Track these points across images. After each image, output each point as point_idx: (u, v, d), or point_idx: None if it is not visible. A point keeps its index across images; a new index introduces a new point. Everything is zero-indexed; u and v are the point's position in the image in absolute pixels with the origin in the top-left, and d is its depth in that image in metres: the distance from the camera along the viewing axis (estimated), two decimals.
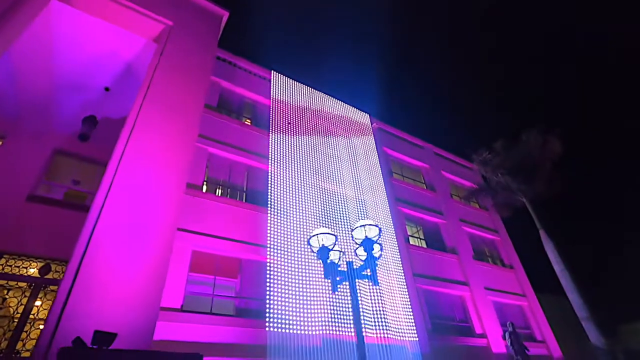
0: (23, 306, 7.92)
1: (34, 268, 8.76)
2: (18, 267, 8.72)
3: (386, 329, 10.52)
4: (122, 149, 5.55)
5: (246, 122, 13.31)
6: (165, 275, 4.64)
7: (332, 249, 4.49)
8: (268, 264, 9.61)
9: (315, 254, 4.36)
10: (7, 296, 8.13)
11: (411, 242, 14.43)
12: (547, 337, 15.13)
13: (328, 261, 4.52)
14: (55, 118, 10.74)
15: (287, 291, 9.47)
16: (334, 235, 4.47)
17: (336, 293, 10.42)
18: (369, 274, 4.75)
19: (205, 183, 10.68)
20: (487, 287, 14.87)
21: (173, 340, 7.60)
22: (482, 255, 16.86)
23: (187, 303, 8.50)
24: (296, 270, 9.98)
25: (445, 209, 16.89)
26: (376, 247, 4.84)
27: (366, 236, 4.48)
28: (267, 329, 8.58)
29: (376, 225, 4.60)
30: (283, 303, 9.21)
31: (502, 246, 18.04)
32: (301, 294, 9.64)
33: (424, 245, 15.04)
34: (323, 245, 4.36)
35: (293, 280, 9.75)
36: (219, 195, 10.83)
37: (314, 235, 4.37)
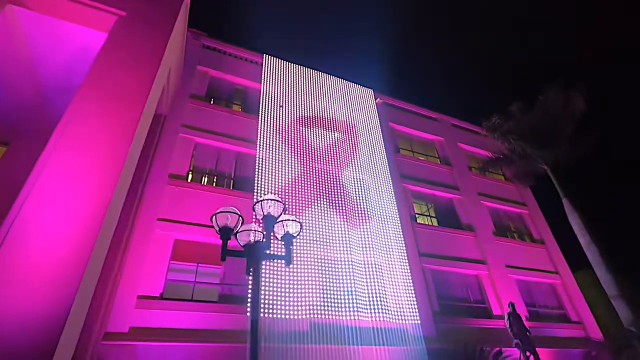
0: None
1: None
2: None
3: (383, 312, 10.03)
4: (56, 139, 5.60)
5: (236, 109, 13.18)
6: (83, 268, 4.59)
7: (237, 230, 4.15)
8: None
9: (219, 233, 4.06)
10: None
11: (419, 221, 13.57)
12: (584, 318, 13.61)
13: (243, 248, 4.19)
14: (54, 121, 11.30)
15: (272, 276, 9.30)
16: (237, 214, 4.12)
17: (329, 276, 10.15)
18: (281, 253, 4.37)
19: (190, 172, 10.75)
20: (508, 264, 13.65)
21: (151, 327, 7.78)
22: (505, 230, 15.48)
23: (169, 291, 8.66)
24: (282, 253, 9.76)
25: (462, 183, 15.67)
26: (294, 225, 4.41)
27: (269, 213, 4.07)
28: (248, 314, 8.50)
29: (279, 201, 4.16)
30: (267, 287, 9.07)
31: (531, 220, 16.45)
32: (287, 278, 9.44)
33: (435, 224, 14.10)
34: (226, 225, 4.04)
35: (278, 265, 9.55)
36: (205, 183, 10.85)
37: (215, 214, 4.05)
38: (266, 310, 8.70)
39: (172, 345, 7.58)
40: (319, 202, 11.33)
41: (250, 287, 8.89)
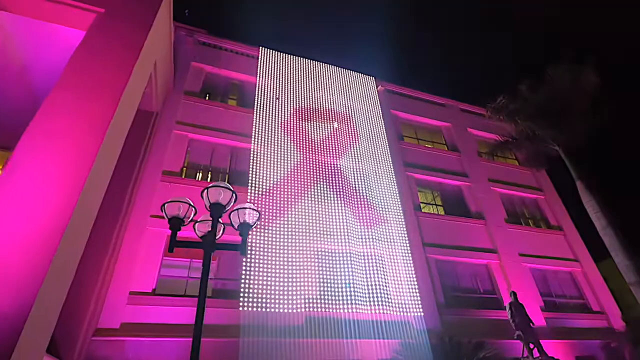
0: None
1: None
2: None
3: (383, 304, 9.71)
4: (25, 138, 5.62)
5: (232, 104, 13.08)
6: (47, 267, 4.56)
7: (188, 220, 3.99)
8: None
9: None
10: None
11: (424, 210, 13.08)
12: (607, 307, 12.75)
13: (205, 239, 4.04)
14: None
15: (266, 269, 9.16)
16: (188, 204, 3.95)
17: (326, 269, 9.92)
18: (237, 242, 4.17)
19: (185, 169, 10.73)
20: (522, 253, 12.96)
21: (143, 322, 7.81)
22: (519, 217, 14.73)
23: (163, 287, 8.67)
24: (277, 247, 9.61)
25: (471, 170, 15.00)
26: (252, 214, 4.19)
27: (217, 201, 3.86)
28: (240, 308, 8.40)
29: (229, 189, 3.93)
30: (262, 282, 8.94)
31: (547, 206, 15.57)
32: (282, 271, 9.27)
33: (441, 212, 13.56)
34: (176, 215, 3.87)
35: (273, 258, 9.40)
36: (200, 179, 10.82)
37: (164, 204, 3.90)
38: (259, 304, 8.58)
39: (162, 341, 7.57)
40: (315, 193, 11.08)
41: (243, 281, 8.80)
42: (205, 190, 3.90)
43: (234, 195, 3.98)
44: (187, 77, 12.47)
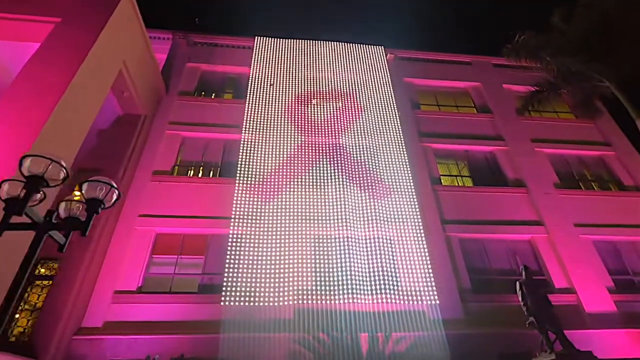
0: None
1: None
2: None
3: (388, 293, 8.47)
4: None
5: (228, 98, 12.85)
6: None
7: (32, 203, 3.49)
8: (231, 235, 8.94)
9: None
10: None
11: (445, 184, 11.30)
12: None
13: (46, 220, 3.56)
14: None
15: (252, 262, 8.61)
16: (20, 181, 3.47)
17: (320, 256, 9.02)
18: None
19: (177, 167, 10.70)
20: (579, 223, 10.45)
21: (127, 321, 7.78)
22: (576, 181, 11.98)
23: (150, 284, 8.62)
24: (265, 238, 9.00)
25: (508, 131, 12.68)
26: (99, 188, 3.59)
27: (35, 173, 3.28)
28: (222, 303, 7.95)
29: (45, 157, 3.33)
30: (248, 275, 8.41)
31: (619, 163, 12.46)
32: (269, 263, 8.63)
33: (468, 184, 11.62)
34: (14, 195, 3.44)
35: (261, 250, 8.81)
36: (191, 175, 10.69)
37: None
38: (243, 298, 8.04)
39: (141, 338, 7.43)
40: (310, 177, 10.24)
41: (226, 274, 8.35)
42: (22, 161, 3.38)
43: (57, 166, 3.42)
44: (181, 78, 12.57)
